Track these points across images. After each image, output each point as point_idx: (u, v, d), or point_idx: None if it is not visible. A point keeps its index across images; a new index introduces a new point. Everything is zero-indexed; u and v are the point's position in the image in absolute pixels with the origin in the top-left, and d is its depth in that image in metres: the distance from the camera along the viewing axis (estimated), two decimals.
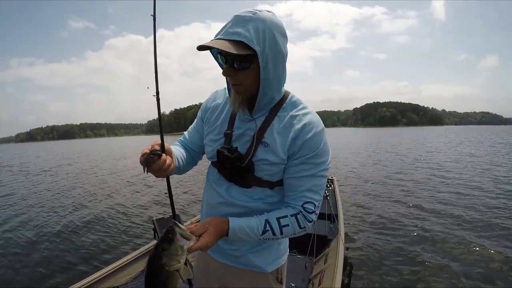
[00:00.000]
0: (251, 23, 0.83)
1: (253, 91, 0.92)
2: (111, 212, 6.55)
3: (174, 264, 0.78)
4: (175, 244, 0.78)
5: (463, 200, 6.83)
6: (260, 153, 0.96)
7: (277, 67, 0.90)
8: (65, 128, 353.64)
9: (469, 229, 4.99)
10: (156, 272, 0.78)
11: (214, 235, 0.88)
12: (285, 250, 1.16)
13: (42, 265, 4.05)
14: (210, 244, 0.87)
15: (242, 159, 0.97)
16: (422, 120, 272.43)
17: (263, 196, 1.02)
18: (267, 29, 0.84)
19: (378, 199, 7.17)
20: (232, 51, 0.81)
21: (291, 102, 1.00)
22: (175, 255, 0.78)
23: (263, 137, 0.96)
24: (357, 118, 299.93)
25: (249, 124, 0.99)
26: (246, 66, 0.88)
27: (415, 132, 63.21)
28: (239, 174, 0.99)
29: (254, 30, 0.83)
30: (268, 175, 0.98)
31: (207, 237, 0.86)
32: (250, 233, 0.92)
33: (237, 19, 0.85)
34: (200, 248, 0.84)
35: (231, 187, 1.03)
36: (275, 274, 1.10)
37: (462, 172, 10.59)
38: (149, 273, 0.80)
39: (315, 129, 0.94)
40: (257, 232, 0.92)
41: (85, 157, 25.36)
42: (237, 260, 1.08)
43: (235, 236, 0.92)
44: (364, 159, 16.14)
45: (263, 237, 0.93)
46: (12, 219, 6.37)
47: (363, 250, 4.30)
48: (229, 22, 0.87)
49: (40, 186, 10.82)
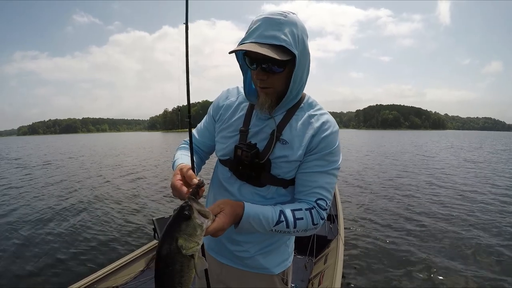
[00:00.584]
0: (285, 26, 0.83)
1: (280, 92, 0.93)
2: (110, 211, 6.47)
3: (192, 247, 0.66)
4: (193, 222, 0.67)
5: (463, 201, 6.87)
6: (278, 151, 0.96)
7: (305, 68, 0.91)
8: (67, 122, 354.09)
9: (470, 229, 5.05)
10: (171, 257, 0.65)
11: (230, 216, 0.80)
12: (292, 252, 1.15)
13: (41, 265, 4.02)
14: (226, 226, 0.78)
15: (260, 156, 0.96)
16: (424, 124, 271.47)
17: (276, 195, 1.00)
18: (299, 32, 0.86)
19: (378, 200, 7.18)
20: (276, 57, 0.80)
21: (308, 103, 1.02)
22: (193, 235, 0.66)
23: (281, 135, 0.97)
24: (359, 120, 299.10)
25: (267, 122, 0.99)
26: (281, 70, 0.87)
27: (417, 136, 62.95)
28: (254, 171, 0.97)
29: (290, 34, 0.83)
30: (284, 172, 0.97)
31: (223, 217, 0.78)
32: (264, 222, 0.86)
33: (270, 21, 0.84)
34: (216, 229, 0.75)
35: (243, 186, 1.01)
36: (281, 276, 1.09)
37: (461, 176, 10.60)
38: (161, 260, 0.66)
39: (332, 128, 0.97)
40: (271, 222, 0.86)
41: (88, 152, 25.25)
42: (244, 262, 1.06)
43: (246, 224, 0.84)
44: (364, 160, 16.12)
45: (276, 228, 0.87)
46: (10, 216, 6.27)
47: (363, 250, 4.31)
48: (260, 25, 0.85)
49: (38, 183, 10.64)
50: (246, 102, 1.06)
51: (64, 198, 7.96)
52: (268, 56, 0.80)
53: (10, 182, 10.58)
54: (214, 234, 0.76)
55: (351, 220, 5.55)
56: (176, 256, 0.65)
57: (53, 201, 7.63)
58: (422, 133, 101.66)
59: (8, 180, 11.01)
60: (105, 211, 6.52)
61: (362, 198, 7.45)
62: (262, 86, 0.92)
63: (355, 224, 5.39)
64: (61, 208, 6.89)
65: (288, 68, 0.87)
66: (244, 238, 1.04)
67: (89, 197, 7.99)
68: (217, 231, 0.75)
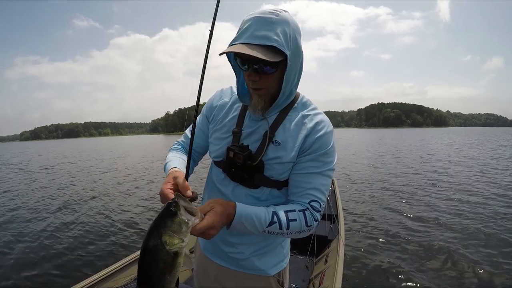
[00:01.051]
0: (277, 26, 0.81)
1: (273, 93, 0.92)
2: (111, 213, 6.49)
3: (177, 244, 0.65)
4: (179, 219, 0.66)
5: (464, 202, 6.78)
6: (270, 152, 0.94)
7: (297, 68, 0.90)
8: (69, 126, 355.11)
9: (470, 229, 4.99)
10: (154, 253, 0.64)
11: (221, 215, 0.77)
12: (288, 253, 1.14)
13: (42, 266, 4.04)
14: (217, 224, 0.76)
15: (253, 158, 0.95)
16: (426, 121, 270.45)
17: (270, 197, 0.99)
18: (291, 32, 0.83)
19: (378, 200, 7.15)
20: (266, 59, 0.79)
21: (302, 103, 1.00)
22: (177, 232, 0.66)
23: (274, 136, 0.95)
24: (361, 119, 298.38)
25: (260, 123, 0.98)
26: (273, 71, 0.86)
27: (419, 134, 62.64)
28: (247, 173, 0.95)
29: (282, 33, 0.81)
30: (277, 174, 0.95)
31: (213, 216, 0.75)
32: (256, 223, 0.83)
33: (261, 21, 0.81)
34: (205, 228, 0.73)
35: (237, 188, 1.00)
36: (277, 277, 1.08)
37: (463, 174, 10.51)
38: (144, 254, 0.66)
39: (326, 128, 0.95)
40: (264, 223, 0.84)
41: (88, 157, 25.38)
42: (239, 263, 1.05)
43: (239, 224, 0.82)
44: (365, 160, 16.04)
45: (269, 229, 0.85)
46: (12, 218, 6.34)
47: (363, 250, 4.29)
48: (250, 24, 0.82)
49: (38, 185, 10.78)
50: (240, 103, 1.05)
51: (64, 200, 8.00)
52: (263, 59, 0.78)
53: (11, 186, 10.66)
54: (205, 233, 0.73)
55: (352, 220, 5.54)
56: (159, 252, 0.64)
57: (53, 203, 7.67)
58: (424, 131, 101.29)
59: (9, 184, 11.08)
60: (106, 213, 6.54)
61: (362, 198, 7.41)
62: (254, 87, 0.90)
63: (355, 224, 5.37)
64: (61, 210, 6.94)
65: (281, 68, 0.86)
66: (238, 239, 1.03)
67: (89, 199, 8.02)
68: (208, 230, 0.73)
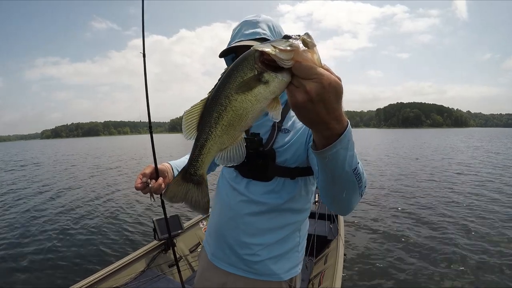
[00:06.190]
0: (262, 23, 1.00)
1: None
2: (111, 212, 6.55)
3: (270, 51, 0.48)
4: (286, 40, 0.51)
5: (467, 202, 6.70)
6: (280, 139, 0.98)
7: None
8: (89, 125, 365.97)
9: (470, 230, 4.96)
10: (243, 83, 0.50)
11: (337, 96, 0.52)
12: (302, 259, 1.11)
13: (42, 265, 4.07)
14: (326, 96, 0.50)
15: (264, 145, 0.98)
16: (446, 121, 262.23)
17: (284, 188, 0.99)
18: (275, 25, 1.02)
19: (378, 200, 7.09)
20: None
21: None
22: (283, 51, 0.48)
23: (282, 125, 1.00)
24: (380, 119, 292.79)
25: (267, 116, 0.96)
26: None
27: (436, 135, 60.76)
28: (259, 162, 0.96)
29: (267, 27, 1.00)
30: (289, 159, 0.96)
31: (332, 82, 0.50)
32: (355, 154, 0.65)
33: (248, 23, 1.00)
34: (313, 63, 0.49)
35: (250, 183, 1.01)
36: (289, 283, 1.04)
37: (464, 174, 10.38)
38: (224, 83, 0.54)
39: None
40: (356, 159, 0.67)
41: (91, 155, 25.65)
42: (252, 267, 1.01)
43: (345, 141, 0.57)
44: (368, 160, 15.70)
45: (357, 169, 0.68)
46: (13, 218, 6.40)
47: (363, 250, 4.27)
48: (239, 27, 1.01)
49: (41, 183, 11.00)
50: None
51: (64, 199, 8.11)
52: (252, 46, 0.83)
53: (18, 183, 10.98)
54: (307, 72, 0.49)
55: (352, 220, 5.47)
56: (249, 82, 0.52)
57: (54, 202, 7.81)
58: (444, 132, 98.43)
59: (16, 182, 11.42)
60: (106, 212, 6.59)
61: (362, 197, 7.27)
62: None
63: (355, 224, 5.33)
64: (61, 209, 7.03)
65: None
66: (254, 239, 1.01)
67: (89, 198, 8.09)
68: (310, 69, 0.49)
